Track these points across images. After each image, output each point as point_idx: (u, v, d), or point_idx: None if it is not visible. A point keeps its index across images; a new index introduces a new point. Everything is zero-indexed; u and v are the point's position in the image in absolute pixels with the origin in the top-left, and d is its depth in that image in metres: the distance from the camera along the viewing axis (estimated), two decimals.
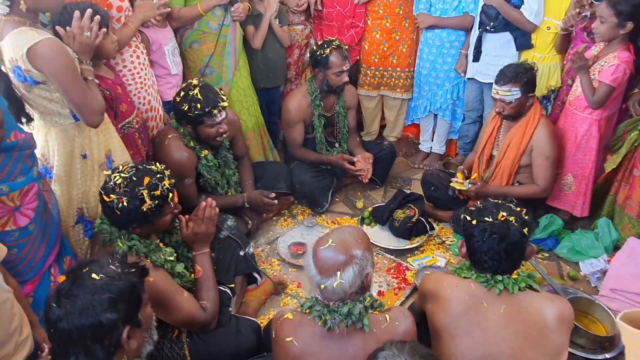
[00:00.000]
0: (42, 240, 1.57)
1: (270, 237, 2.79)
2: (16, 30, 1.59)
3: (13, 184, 1.44)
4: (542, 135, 2.41)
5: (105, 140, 1.96)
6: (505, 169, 2.51)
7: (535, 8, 2.64)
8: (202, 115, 2.29)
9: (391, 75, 3.32)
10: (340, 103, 3.00)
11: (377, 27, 3.15)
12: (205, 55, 2.74)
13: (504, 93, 2.37)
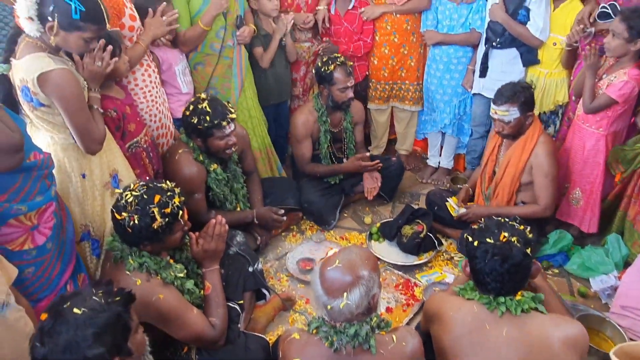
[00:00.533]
0: (58, 258, 1.61)
1: (278, 252, 2.81)
2: (34, 54, 1.65)
3: (32, 203, 1.48)
4: (540, 153, 2.40)
5: (108, 160, 1.99)
6: (505, 188, 2.51)
7: (541, 24, 2.66)
8: (212, 128, 2.33)
9: (400, 87, 3.35)
10: (347, 119, 3.03)
11: (385, 43, 3.19)
12: (209, 77, 2.79)
13: (502, 113, 2.37)
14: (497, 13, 2.75)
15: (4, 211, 1.41)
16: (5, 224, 1.43)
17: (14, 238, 1.46)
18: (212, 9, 2.58)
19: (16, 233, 1.46)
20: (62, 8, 1.63)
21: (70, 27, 1.67)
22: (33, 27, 1.63)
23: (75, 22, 1.66)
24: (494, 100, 2.41)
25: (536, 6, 2.66)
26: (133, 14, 2.26)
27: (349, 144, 3.10)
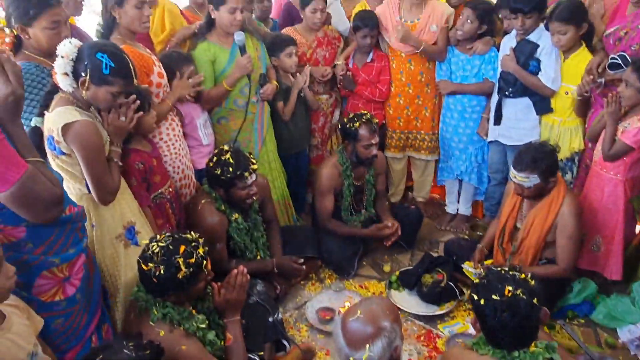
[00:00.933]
0: (85, 309, 1.64)
1: (298, 301, 2.80)
2: (64, 107, 1.76)
3: (64, 255, 1.53)
4: (566, 213, 2.35)
5: (122, 212, 2.02)
6: (530, 248, 2.46)
7: (552, 74, 2.71)
8: (234, 179, 2.40)
9: (415, 137, 3.39)
10: (370, 172, 3.07)
11: (400, 94, 3.26)
12: (232, 130, 2.88)
13: (521, 179, 2.31)
14: (508, 64, 2.82)
15: (39, 263, 1.46)
16: (40, 276, 1.48)
17: (46, 289, 1.50)
18: (237, 72, 2.71)
19: (48, 284, 1.51)
20: (94, 64, 1.74)
21: (100, 82, 1.77)
22: (67, 83, 1.75)
23: (105, 77, 1.76)
24: (513, 164, 2.36)
25: (546, 57, 2.73)
26: (161, 72, 2.41)
27: (369, 197, 3.14)
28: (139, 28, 2.31)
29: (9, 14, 1.94)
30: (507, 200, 2.61)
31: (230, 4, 2.58)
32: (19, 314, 1.39)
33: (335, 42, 3.33)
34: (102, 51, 1.75)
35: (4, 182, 1.28)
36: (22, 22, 1.93)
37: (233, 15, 2.60)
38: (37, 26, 1.94)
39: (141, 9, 2.24)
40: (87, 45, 1.78)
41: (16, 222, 1.39)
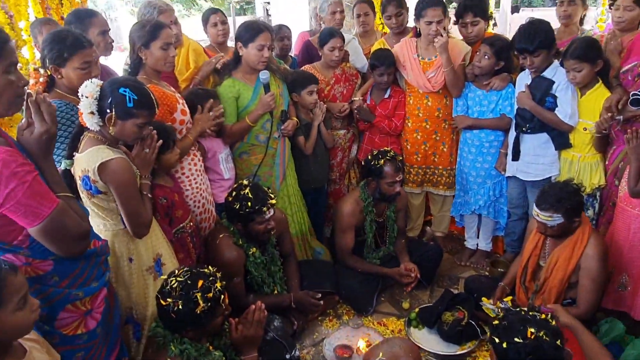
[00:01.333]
0: (105, 343, 1.65)
1: (315, 338, 2.76)
2: (95, 147, 1.81)
3: (88, 289, 1.55)
4: (591, 255, 2.30)
5: (153, 245, 2.06)
6: (553, 287, 2.40)
7: (569, 110, 2.69)
8: (252, 213, 2.43)
9: (433, 172, 3.39)
10: (391, 208, 3.08)
11: (417, 129, 3.28)
12: (253, 165, 2.93)
13: (544, 218, 2.28)
14: (524, 101, 2.83)
15: (63, 297, 1.48)
16: (64, 309, 1.50)
17: (68, 323, 1.52)
18: (260, 109, 2.78)
19: (71, 318, 1.52)
20: (118, 99, 1.79)
21: (125, 116, 1.83)
22: (94, 121, 1.80)
23: (130, 110, 1.81)
24: (536, 203, 2.32)
25: (562, 93, 2.72)
26: (184, 109, 2.48)
27: (391, 232, 3.13)
28: (163, 67, 2.40)
29: (44, 55, 2.05)
30: (530, 237, 2.57)
31: (259, 42, 2.67)
32: (39, 348, 1.40)
33: (353, 78, 3.40)
34: (124, 86, 1.81)
35: (36, 217, 1.32)
36: (56, 63, 2.04)
37: (261, 52, 2.69)
38: (70, 66, 2.05)
39: (167, 50, 2.34)
40: (109, 83, 1.84)
41: (44, 256, 1.42)
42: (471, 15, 3.06)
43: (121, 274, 1.98)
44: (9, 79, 1.32)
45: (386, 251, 3.12)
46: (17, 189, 1.27)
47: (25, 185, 1.28)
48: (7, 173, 1.25)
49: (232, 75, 2.82)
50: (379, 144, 3.40)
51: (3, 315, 1.20)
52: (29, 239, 1.38)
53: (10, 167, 1.26)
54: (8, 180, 1.26)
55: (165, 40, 2.33)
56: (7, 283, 1.21)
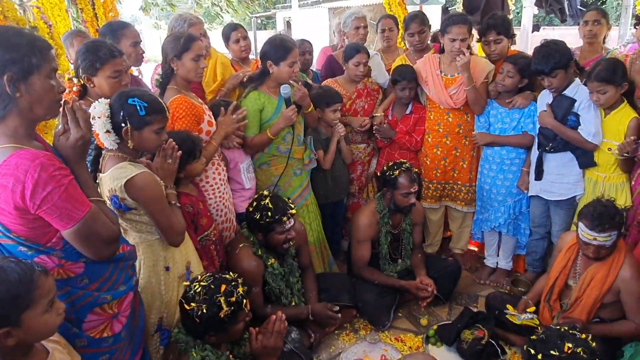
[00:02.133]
0: (129, 347, 1.67)
1: (332, 352, 2.74)
2: (118, 165, 1.83)
3: (116, 292, 1.58)
4: (628, 276, 2.26)
5: (186, 252, 2.11)
6: (585, 307, 2.34)
7: (593, 129, 2.66)
8: (273, 223, 2.45)
9: (452, 187, 3.38)
10: (407, 220, 3.07)
11: (437, 144, 3.27)
12: (273, 176, 2.96)
13: (604, 239, 2.22)
14: (545, 120, 2.80)
15: (92, 299, 1.51)
16: (92, 312, 1.53)
17: (95, 325, 1.54)
18: (282, 122, 2.81)
19: (98, 321, 1.55)
20: (130, 110, 1.79)
21: (140, 125, 1.83)
22: (111, 140, 1.81)
23: (144, 119, 1.83)
24: (591, 227, 2.23)
25: (585, 112, 2.69)
26: (211, 120, 2.53)
27: (407, 245, 3.12)
28: (194, 78, 2.47)
29: (78, 65, 2.13)
30: (560, 256, 2.52)
31: (291, 59, 2.73)
32: (60, 349, 1.42)
33: (375, 93, 3.42)
34: (131, 96, 1.83)
35: (69, 219, 1.36)
36: (89, 72, 2.11)
37: (292, 69, 2.76)
38: (101, 75, 2.11)
39: (197, 61, 2.41)
40: (116, 98, 1.84)
41: (76, 258, 1.46)
42: (494, 34, 3.07)
43: (158, 284, 2.00)
44: (50, 83, 1.37)
45: (403, 265, 3.10)
46: (54, 192, 1.31)
47: (61, 189, 1.32)
48: (45, 176, 1.29)
49: (257, 89, 2.86)
50: (398, 159, 3.41)
51: (32, 316, 1.24)
52: (63, 241, 1.42)
53: (48, 170, 1.30)
54: (46, 183, 1.30)
55: (197, 52, 2.40)
56: (39, 285, 1.24)
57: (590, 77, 2.61)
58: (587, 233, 2.25)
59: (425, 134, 3.31)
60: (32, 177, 1.27)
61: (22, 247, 1.38)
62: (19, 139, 1.34)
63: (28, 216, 1.33)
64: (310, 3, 14.92)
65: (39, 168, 1.29)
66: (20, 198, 1.29)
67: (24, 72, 1.31)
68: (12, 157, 1.29)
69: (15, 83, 1.30)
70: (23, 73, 1.30)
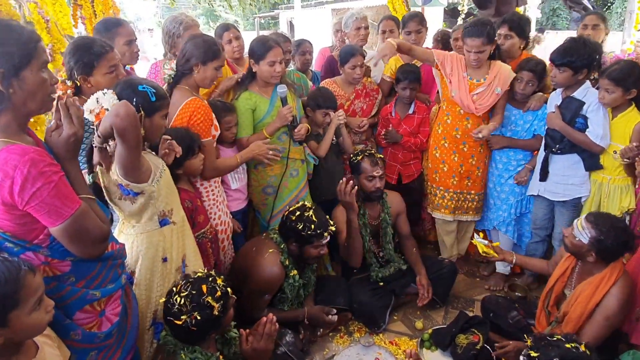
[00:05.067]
0: (119, 345, 1.65)
1: (325, 354, 2.72)
2: None
3: (104, 290, 1.56)
4: (613, 294, 2.17)
5: (184, 244, 2.08)
6: (570, 322, 2.28)
7: (601, 132, 2.65)
8: (314, 237, 2.44)
9: (465, 197, 3.25)
10: (385, 210, 3.05)
11: (455, 151, 3.15)
12: (269, 176, 2.94)
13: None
14: (554, 121, 2.79)
15: (81, 296, 1.49)
16: (81, 309, 1.51)
17: (85, 323, 1.52)
18: (278, 121, 2.80)
19: (88, 318, 1.53)
20: (142, 98, 1.79)
21: (152, 111, 1.84)
22: None
23: (155, 104, 1.83)
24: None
25: (593, 114, 2.68)
26: (216, 125, 2.54)
27: (384, 236, 3.07)
28: (208, 85, 2.53)
29: (71, 67, 2.07)
30: (561, 263, 2.48)
31: (270, 58, 2.71)
32: (50, 344, 1.41)
33: (374, 94, 3.41)
34: (139, 84, 1.82)
35: (58, 216, 1.33)
36: (84, 72, 2.06)
37: (272, 68, 2.73)
38: (98, 73, 2.08)
39: (218, 70, 2.45)
40: (123, 87, 1.81)
41: (63, 256, 1.44)
42: (506, 28, 3.06)
43: (155, 276, 1.98)
44: (43, 77, 1.35)
45: (396, 267, 3.07)
46: (43, 188, 1.29)
47: (51, 185, 1.30)
48: (35, 172, 1.27)
49: (249, 89, 2.86)
50: (401, 160, 3.41)
51: (19, 315, 1.22)
52: (50, 239, 1.40)
53: (38, 166, 1.28)
54: (35, 179, 1.28)
55: (220, 63, 2.45)
56: (26, 284, 1.22)
57: (603, 73, 2.60)
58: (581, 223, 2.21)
59: (442, 140, 3.18)
60: (21, 172, 1.26)
61: (8, 243, 1.36)
62: (10, 134, 1.32)
63: (15, 212, 1.31)
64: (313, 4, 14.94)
65: (29, 164, 1.27)
66: (9, 193, 1.27)
67: (15, 68, 1.29)
68: (2, 152, 1.27)
69: (8, 79, 1.28)
70: (14, 69, 1.29)
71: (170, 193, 1.98)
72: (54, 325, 1.42)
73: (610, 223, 2.16)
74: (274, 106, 2.85)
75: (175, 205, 2.02)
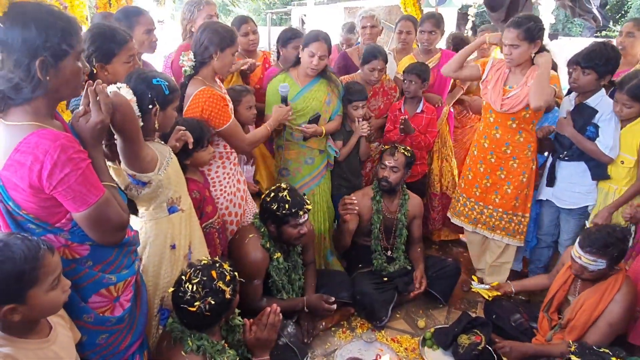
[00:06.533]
0: (130, 330, 1.68)
1: (327, 348, 2.74)
2: None
3: (120, 275, 1.59)
4: (617, 301, 2.19)
5: (191, 231, 2.11)
6: (574, 330, 2.29)
7: (611, 142, 2.63)
8: (289, 216, 2.47)
9: (491, 214, 3.05)
10: (402, 211, 3.10)
11: (481, 160, 3.03)
12: (286, 160, 3.04)
13: (587, 261, 2.16)
14: (564, 127, 2.77)
15: (97, 279, 1.52)
16: (97, 293, 1.54)
17: (99, 307, 1.56)
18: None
19: (103, 302, 1.56)
20: (157, 91, 1.82)
21: (166, 104, 1.88)
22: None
23: (168, 97, 1.86)
24: (580, 244, 2.18)
25: (605, 124, 2.66)
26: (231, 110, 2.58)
27: (399, 237, 3.13)
28: (226, 73, 2.57)
29: (90, 53, 2.05)
30: (562, 271, 2.49)
31: (310, 49, 2.80)
32: (63, 324, 1.44)
33: (391, 92, 3.46)
34: (154, 77, 1.84)
35: (82, 203, 1.36)
36: (104, 60, 2.06)
37: (310, 59, 2.81)
38: (117, 61, 2.08)
39: (233, 56, 2.51)
40: (137, 81, 1.83)
41: (82, 240, 1.46)
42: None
43: (163, 263, 2.00)
44: (78, 66, 1.38)
45: (401, 264, 3.11)
46: (71, 174, 1.31)
47: (78, 172, 1.32)
48: (64, 158, 1.29)
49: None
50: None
51: (37, 293, 1.24)
52: (72, 223, 1.42)
53: (68, 152, 1.30)
54: (64, 165, 1.29)
55: (236, 49, 2.52)
56: (45, 263, 1.25)
57: (621, 87, 2.58)
58: (576, 249, 2.22)
59: (472, 146, 3.14)
60: (51, 157, 1.27)
61: (30, 224, 1.38)
62: (40, 118, 1.34)
63: (41, 195, 1.33)
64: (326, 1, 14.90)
65: (59, 149, 1.28)
66: (37, 177, 1.28)
67: (56, 58, 1.30)
68: (33, 135, 1.29)
69: (47, 68, 1.29)
70: (55, 58, 1.30)
71: (178, 180, 2.00)
72: (67, 307, 1.44)
73: (607, 241, 2.14)
74: (302, 95, 2.92)
75: (183, 192, 2.05)
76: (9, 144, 1.29)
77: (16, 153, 1.28)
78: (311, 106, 2.94)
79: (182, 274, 1.88)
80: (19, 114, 1.32)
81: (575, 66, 2.70)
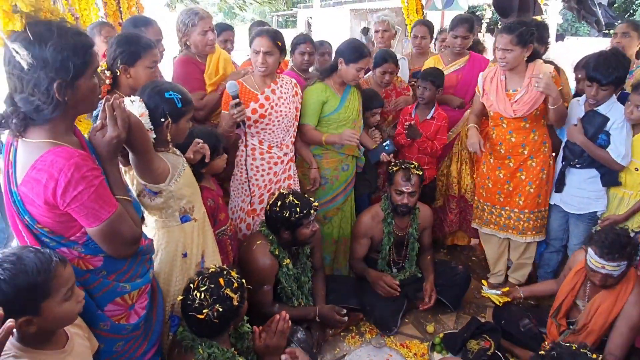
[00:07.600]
0: (146, 337, 1.70)
1: (336, 353, 2.75)
2: None
3: (134, 284, 1.61)
4: (633, 302, 2.20)
5: (204, 240, 2.12)
6: (592, 333, 2.29)
7: (623, 150, 2.60)
8: (302, 218, 2.48)
9: (519, 217, 3.05)
10: (414, 225, 3.07)
11: (499, 167, 3.03)
12: (323, 169, 3.07)
13: (611, 268, 2.16)
14: (575, 136, 2.73)
15: (112, 288, 1.54)
16: (112, 301, 1.56)
17: (115, 315, 1.58)
18: (337, 138, 2.88)
19: (118, 310, 1.59)
20: (169, 104, 1.84)
21: (179, 117, 1.89)
22: (151, 137, 1.82)
23: (181, 110, 1.88)
24: (601, 254, 2.16)
25: (617, 132, 2.63)
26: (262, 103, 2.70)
27: (411, 251, 3.12)
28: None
29: (115, 55, 2.10)
30: (570, 277, 2.48)
31: (360, 65, 2.83)
32: (81, 334, 1.46)
33: (405, 92, 3.49)
34: (166, 90, 1.86)
35: (95, 219, 1.39)
36: (128, 63, 2.09)
37: (359, 74, 2.87)
38: (141, 65, 2.12)
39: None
40: (150, 94, 1.85)
41: (95, 252, 1.49)
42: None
43: (174, 270, 2.02)
44: (94, 82, 1.40)
45: (411, 272, 3.11)
46: (84, 192, 1.34)
47: (91, 190, 1.35)
48: (78, 176, 1.32)
49: (324, 81, 2.96)
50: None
51: (51, 305, 1.26)
52: (86, 236, 1.45)
53: (81, 170, 1.33)
54: (78, 183, 1.32)
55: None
56: (57, 274, 1.27)
57: (637, 89, 2.56)
58: (595, 260, 2.19)
59: (489, 155, 3.10)
60: (65, 176, 1.30)
61: (45, 238, 1.41)
62: (58, 135, 1.36)
63: (56, 211, 1.36)
64: (332, 3, 14.92)
65: (73, 167, 1.31)
66: (52, 194, 1.31)
67: (73, 77, 1.32)
68: (49, 153, 1.32)
69: (64, 89, 1.31)
70: (72, 78, 1.32)
71: (191, 191, 2.01)
72: (84, 315, 1.47)
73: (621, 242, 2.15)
74: (343, 105, 2.96)
75: (197, 202, 2.06)
76: (26, 160, 1.32)
77: (33, 170, 1.31)
78: (352, 116, 3.00)
79: (190, 281, 1.89)
80: (37, 132, 1.35)
81: (591, 83, 2.62)
